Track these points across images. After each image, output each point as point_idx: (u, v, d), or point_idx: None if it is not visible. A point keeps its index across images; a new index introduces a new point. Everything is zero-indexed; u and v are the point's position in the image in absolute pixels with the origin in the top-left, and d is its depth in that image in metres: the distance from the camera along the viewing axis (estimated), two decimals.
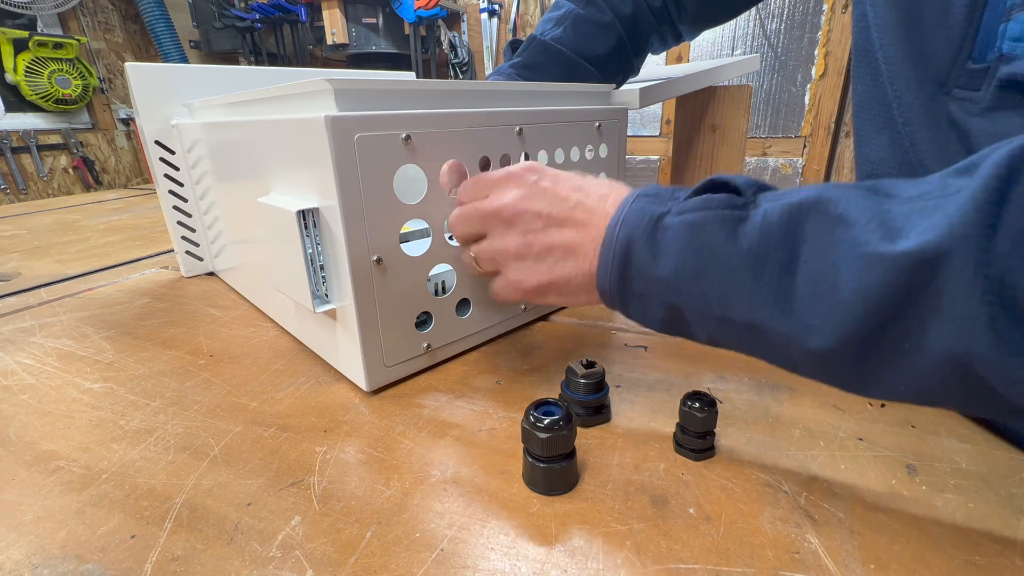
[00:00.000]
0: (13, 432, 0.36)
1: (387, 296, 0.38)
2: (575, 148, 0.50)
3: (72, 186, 2.40)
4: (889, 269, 0.20)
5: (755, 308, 0.24)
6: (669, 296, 0.27)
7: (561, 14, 0.58)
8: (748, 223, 0.24)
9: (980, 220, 0.18)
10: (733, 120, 0.97)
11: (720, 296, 0.25)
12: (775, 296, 0.23)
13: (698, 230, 0.26)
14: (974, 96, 0.29)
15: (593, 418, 0.35)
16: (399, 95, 0.36)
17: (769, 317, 0.24)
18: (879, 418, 0.35)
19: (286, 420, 0.37)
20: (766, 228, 0.24)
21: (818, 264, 0.22)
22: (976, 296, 0.18)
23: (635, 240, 0.28)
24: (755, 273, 0.24)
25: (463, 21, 2.48)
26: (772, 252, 0.23)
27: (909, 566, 0.24)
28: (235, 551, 0.26)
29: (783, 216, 0.23)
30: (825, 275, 0.22)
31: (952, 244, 0.18)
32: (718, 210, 0.25)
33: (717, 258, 0.25)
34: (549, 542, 0.26)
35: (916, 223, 0.20)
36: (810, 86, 1.85)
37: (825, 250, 0.22)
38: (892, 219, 0.20)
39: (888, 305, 0.20)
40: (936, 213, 0.19)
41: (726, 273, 0.25)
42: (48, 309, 0.60)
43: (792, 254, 0.23)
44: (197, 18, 2.48)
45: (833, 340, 0.22)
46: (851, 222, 0.21)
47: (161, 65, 0.63)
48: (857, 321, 0.21)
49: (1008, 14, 0.26)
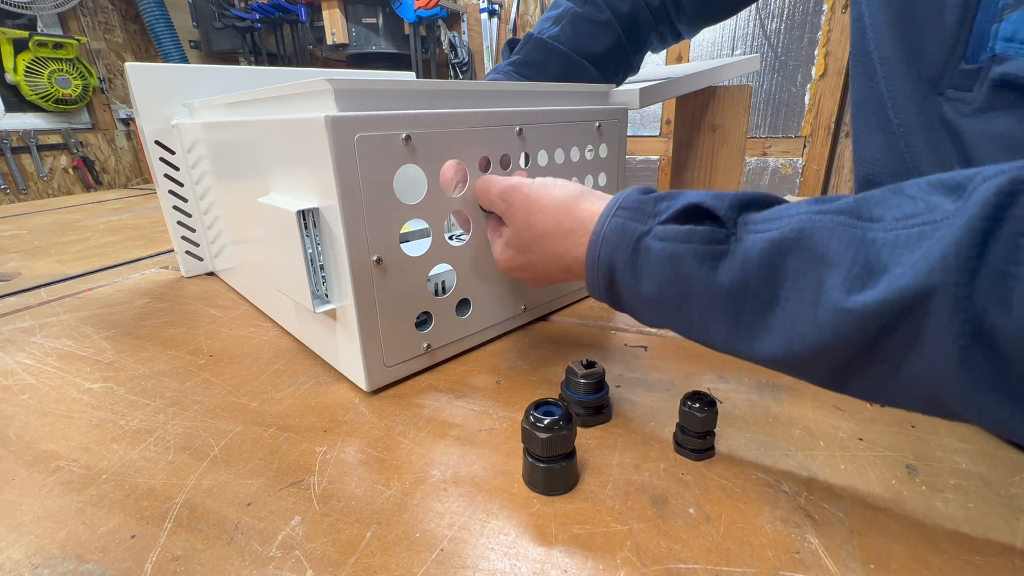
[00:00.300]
0: (13, 432, 0.36)
1: (387, 296, 0.38)
2: (575, 148, 0.50)
3: (72, 186, 2.40)
4: (868, 318, 0.20)
5: (735, 341, 0.26)
6: (655, 317, 0.29)
7: (559, 13, 0.58)
8: (728, 259, 0.25)
9: (961, 266, 0.18)
10: (733, 120, 0.97)
11: (701, 326, 0.27)
12: (754, 332, 0.24)
13: (678, 263, 0.26)
14: (967, 96, 0.29)
15: (593, 418, 0.35)
16: (399, 95, 0.36)
17: (748, 348, 0.25)
18: (879, 418, 0.35)
19: (286, 420, 0.37)
20: (747, 266, 0.24)
21: (797, 304, 0.22)
22: (950, 339, 0.18)
23: (617, 261, 0.29)
24: (735, 310, 0.25)
25: (463, 21, 2.48)
26: (752, 290, 0.24)
27: (909, 566, 0.24)
28: (235, 551, 0.26)
29: (763, 254, 0.23)
30: (803, 314, 0.22)
31: (932, 289, 0.18)
32: (699, 244, 0.26)
33: (697, 293, 0.26)
34: (549, 542, 0.26)
35: (899, 258, 0.20)
36: (810, 86, 1.85)
37: (804, 290, 0.22)
38: (875, 254, 0.20)
39: (865, 343, 0.21)
40: (920, 246, 0.19)
41: (705, 308, 0.26)
42: (48, 309, 0.60)
43: (772, 292, 0.23)
44: (197, 18, 2.48)
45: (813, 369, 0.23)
46: (832, 262, 0.21)
47: (161, 65, 0.63)
48: (834, 354, 0.22)
49: (1000, 15, 0.26)
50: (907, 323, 0.19)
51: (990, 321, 0.17)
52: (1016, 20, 0.26)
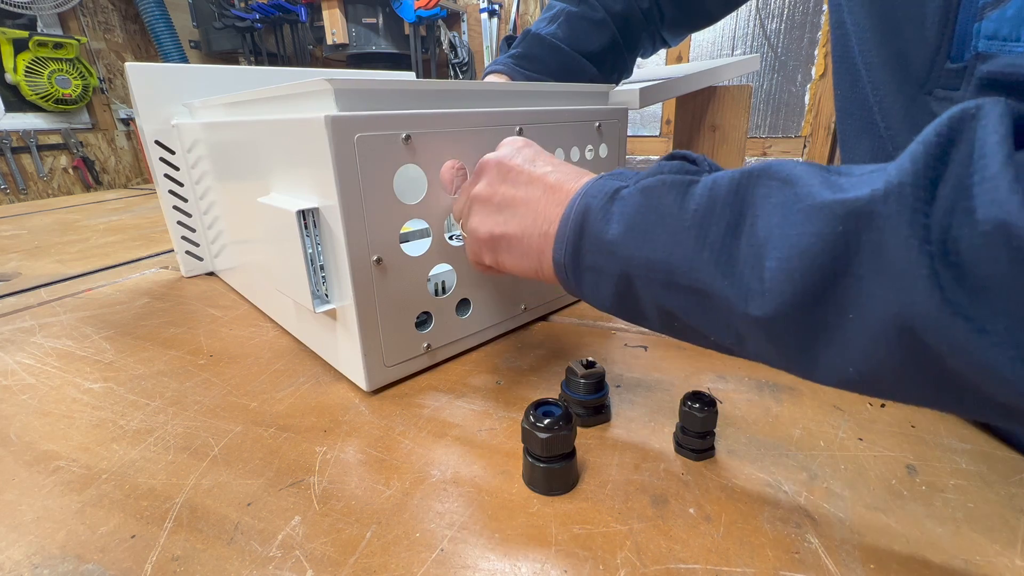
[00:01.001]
0: (13, 432, 0.36)
1: (387, 296, 0.38)
2: (575, 148, 0.50)
3: (72, 186, 2.40)
4: (828, 218, 0.19)
5: (697, 270, 0.24)
6: (618, 264, 0.27)
7: (554, 13, 0.59)
8: (697, 186, 0.25)
9: (920, 172, 0.17)
10: (733, 120, 0.97)
11: (665, 258, 0.25)
12: (718, 258, 0.23)
13: (648, 193, 0.26)
14: (954, 96, 0.29)
15: (593, 418, 0.35)
16: (399, 95, 0.36)
17: (711, 280, 0.23)
18: (879, 418, 0.35)
19: (286, 420, 0.37)
20: (715, 190, 0.24)
21: (762, 223, 0.22)
22: (915, 247, 0.17)
23: (591, 209, 0.28)
24: (699, 233, 0.24)
25: (463, 21, 2.48)
26: (718, 213, 0.23)
27: (909, 566, 0.24)
28: (235, 551, 0.26)
29: (732, 180, 0.23)
30: (769, 234, 0.21)
31: (888, 191, 0.18)
32: (670, 175, 0.26)
33: (664, 219, 0.25)
34: (549, 542, 0.26)
35: (860, 183, 0.19)
36: (810, 86, 1.85)
37: (769, 209, 0.22)
38: (839, 181, 0.20)
39: (827, 260, 0.19)
40: (880, 174, 0.19)
41: (672, 233, 0.25)
42: (48, 309, 0.60)
43: (738, 215, 0.23)
44: (197, 18, 2.48)
45: (774, 305, 0.21)
46: (797, 182, 0.21)
47: (161, 65, 0.63)
48: (797, 282, 0.20)
49: (981, 13, 0.26)
50: (866, 231, 0.18)
51: (955, 235, 0.16)
52: (996, 18, 0.26)
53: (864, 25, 0.33)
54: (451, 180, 0.42)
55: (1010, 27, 0.25)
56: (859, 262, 0.19)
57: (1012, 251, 0.15)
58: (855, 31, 0.34)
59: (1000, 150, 0.16)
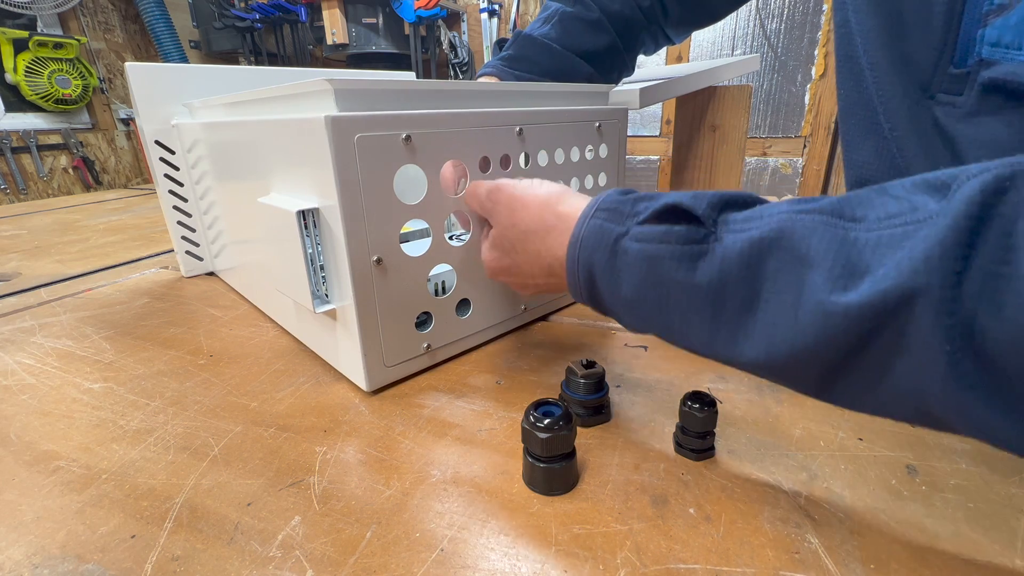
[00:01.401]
0: (13, 432, 0.36)
1: (387, 296, 0.38)
2: (575, 148, 0.50)
3: (72, 186, 2.40)
4: (851, 319, 0.19)
5: (716, 344, 0.25)
6: (637, 321, 0.29)
7: (548, 13, 0.59)
8: (707, 259, 0.24)
9: (947, 267, 0.17)
10: (733, 120, 0.97)
11: (682, 330, 0.26)
12: (734, 334, 0.24)
13: (656, 264, 0.26)
14: (957, 100, 0.29)
15: (593, 418, 0.35)
16: (399, 95, 0.36)
17: (729, 352, 0.24)
18: (879, 418, 0.35)
19: (286, 420, 0.37)
20: (725, 265, 0.23)
21: (778, 306, 0.22)
22: (936, 344, 0.17)
23: (596, 265, 0.28)
24: (714, 312, 0.24)
25: (463, 21, 2.48)
26: (731, 290, 0.23)
27: (909, 566, 0.24)
28: (235, 551, 0.26)
29: (743, 253, 0.23)
30: (784, 315, 0.21)
31: (915, 291, 0.17)
32: (676, 244, 0.25)
33: (675, 296, 0.25)
34: (549, 542, 0.26)
35: (881, 259, 0.19)
36: (810, 86, 1.85)
37: (785, 291, 0.21)
38: (857, 255, 0.20)
39: (849, 347, 0.20)
40: (903, 247, 0.18)
41: (685, 311, 0.25)
42: (48, 309, 0.60)
43: (752, 292, 0.23)
44: (197, 18, 2.48)
45: (796, 374, 0.22)
46: (813, 263, 0.21)
47: (161, 65, 0.63)
48: (818, 359, 0.21)
49: (985, 20, 0.26)
50: (891, 327, 0.18)
51: (980, 325, 0.16)
52: (1000, 26, 0.26)
53: (869, 25, 0.33)
54: (452, 181, 0.42)
55: (1013, 35, 0.25)
56: (882, 347, 0.19)
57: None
58: (859, 31, 0.34)
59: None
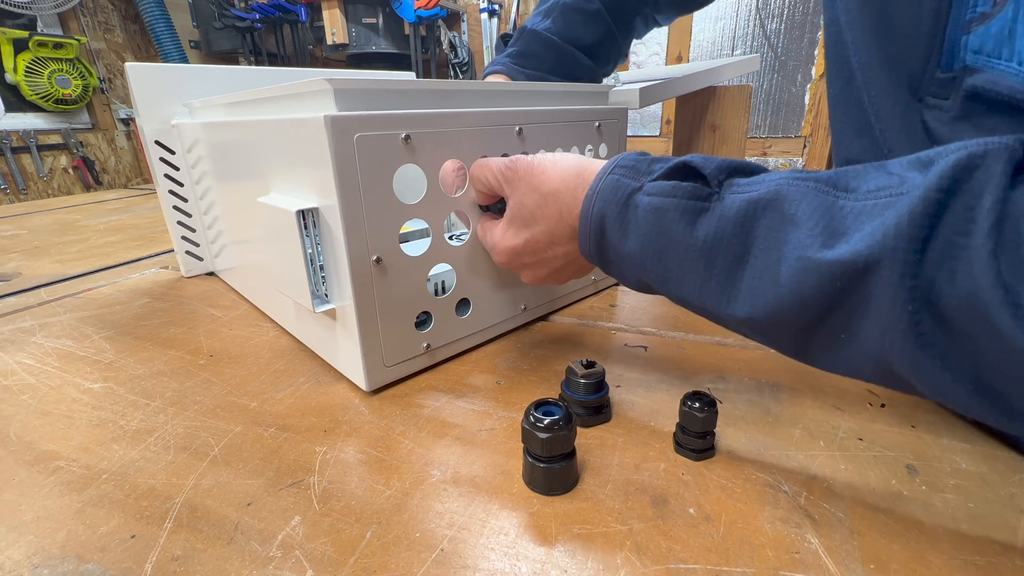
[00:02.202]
0: (13, 432, 0.36)
1: (387, 296, 0.38)
2: (575, 148, 0.50)
3: (72, 186, 2.40)
4: (823, 275, 0.21)
5: (705, 295, 0.27)
6: (637, 272, 0.30)
7: (548, 6, 0.59)
8: (707, 215, 0.26)
9: (913, 234, 0.19)
10: (733, 120, 0.96)
11: (677, 279, 0.28)
12: (723, 286, 0.26)
13: (661, 215, 0.28)
14: (944, 104, 0.29)
15: (593, 418, 0.35)
16: (399, 95, 0.36)
17: (716, 305, 0.27)
18: (879, 418, 0.35)
19: (286, 420, 0.37)
20: (722, 222, 0.25)
21: (764, 261, 0.24)
22: (899, 304, 0.19)
23: (608, 215, 0.30)
24: (708, 263, 0.26)
25: (463, 21, 2.48)
26: (724, 245, 0.25)
27: (909, 566, 0.24)
28: (235, 551, 0.26)
29: (739, 212, 0.25)
30: (768, 271, 0.24)
31: (882, 255, 0.19)
32: (682, 199, 0.27)
33: (675, 245, 0.27)
34: (549, 542, 0.26)
35: (860, 225, 0.21)
36: (810, 86, 1.85)
37: (771, 248, 0.24)
38: (840, 220, 0.22)
39: (821, 304, 0.22)
40: (882, 215, 0.20)
41: (683, 260, 0.27)
42: (48, 309, 0.60)
43: (744, 248, 0.25)
44: (197, 18, 2.48)
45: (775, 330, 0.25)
46: (799, 222, 0.23)
47: (161, 65, 0.63)
48: (793, 315, 0.23)
49: (968, 26, 0.26)
50: (859, 286, 0.20)
51: (937, 289, 0.18)
52: (982, 34, 0.26)
53: (858, 24, 0.33)
54: (452, 181, 0.42)
55: (994, 43, 0.25)
56: (850, 306, 0.21)
57: (979, 315, 0.17)
58: (849, 30, 0.34)
59: (990, 216, 0.17)
